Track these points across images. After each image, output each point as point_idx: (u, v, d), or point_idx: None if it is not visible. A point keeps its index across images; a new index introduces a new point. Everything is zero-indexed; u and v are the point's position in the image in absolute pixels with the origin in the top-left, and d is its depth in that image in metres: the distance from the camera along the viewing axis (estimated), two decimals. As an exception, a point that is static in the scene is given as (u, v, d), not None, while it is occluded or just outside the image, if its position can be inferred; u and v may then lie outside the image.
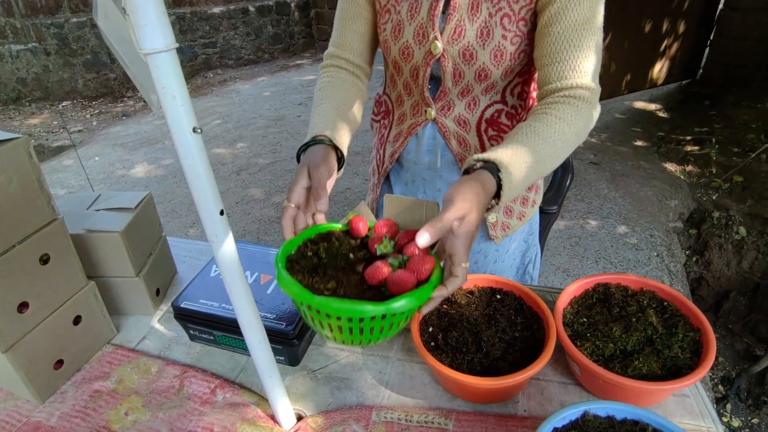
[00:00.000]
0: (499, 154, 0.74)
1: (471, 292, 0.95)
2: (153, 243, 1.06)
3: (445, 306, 0.92)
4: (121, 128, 4.97)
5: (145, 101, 5.89)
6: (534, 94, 1.02)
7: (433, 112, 1.00)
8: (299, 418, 0.83)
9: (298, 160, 0.84)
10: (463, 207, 0.66)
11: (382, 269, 0.65)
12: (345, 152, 0.88)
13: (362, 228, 0.76)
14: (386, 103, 1.11)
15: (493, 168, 0.73)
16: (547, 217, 1.65)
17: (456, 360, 0.82)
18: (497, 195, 0.74)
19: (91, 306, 0.92)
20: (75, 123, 5.26)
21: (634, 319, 0.85)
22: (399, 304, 0.61)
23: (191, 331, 0.95)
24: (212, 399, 0.85)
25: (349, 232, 0.77)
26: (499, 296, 0.94)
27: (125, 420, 0.83)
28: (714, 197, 3.45)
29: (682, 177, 3.63)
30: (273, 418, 0.82)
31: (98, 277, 0.96)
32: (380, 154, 1.16)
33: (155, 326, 1.02)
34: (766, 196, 3.31)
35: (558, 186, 1.70)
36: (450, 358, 0.82)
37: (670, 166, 3.74)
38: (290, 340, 0.87)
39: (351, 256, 0.72)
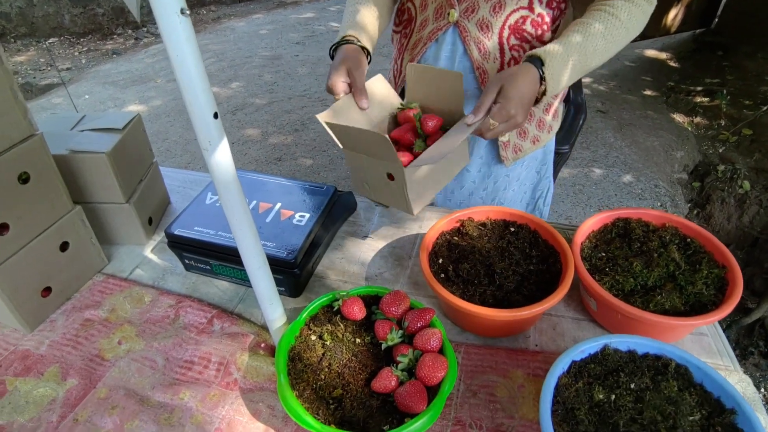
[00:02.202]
0: (544, 48, 0.82)
1: (483, 225, 0.90)
2: (143, 169, 0.99)
3: (455, 237, 0.87)
4: (111, 66, 4.77)
5: (136, 37, 5.63)
6: (562, 6, 0.95)
7: (456, 14, 0.95)
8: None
9: (332, 57, 0.95)
10: (495, 87, 0.79)
11: (390, 382, 0.62)
12: (371, 50, 0.97)
13: (357, 311, 0.71)
14: (409, 11, 1.05)
15: (536, 61, 0.82)
16: (558, 157, 1.58)
17: (467, 292, 0.78)
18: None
19: (78, 232, 0.87)
20: (63, 61, 5.04)
21: (655, 255, 0.81)
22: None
23: (186, 261, 0.90)
24: (209, 329, 0.81)
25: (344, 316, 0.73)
26: (512, 229, 0.89)
27: (118, 349, 0.79)
28: (720, 150, 3.38)
29: (689, 128, 3.54)
30: (273, 348, 0.78)
31: (85, 202, 0.90)
32: (397, 64, 1.12)
33: (148, 256, 0.97)
34: (775, 149, 3.23)
35: (570, 125, 1.62)
36: (461, 290, 0.78)
37: (678, 117, 3.64)
38: (292, 270, 0.82)
39: (357, 341, 0.69)
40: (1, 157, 0.71)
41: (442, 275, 0.81)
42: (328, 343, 0.68)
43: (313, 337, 0.69)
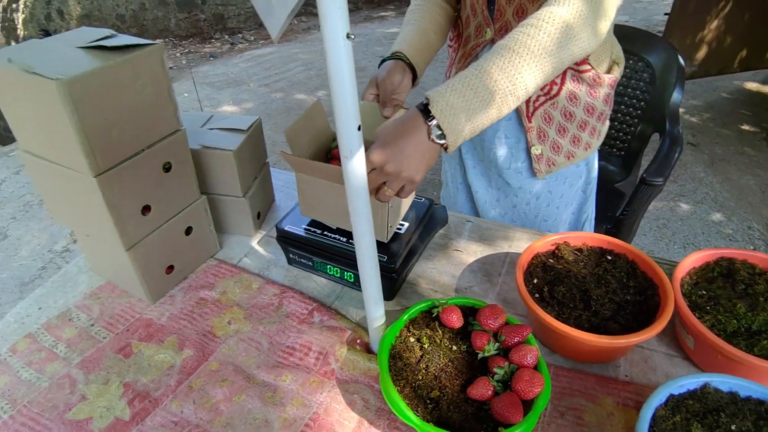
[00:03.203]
0: (435, 90, 0.72)
1: (579, 250, 0.91)
2: (259, 167, 1.08)
3: (551, 260, 0.89)
4: (208, 68, 5.13)
5: (232, 42, 6.00)
6: None
7: (490, 33, 1.01)
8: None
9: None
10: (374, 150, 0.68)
11: (486, 390, 0.65)
12: (418, 67, 0.98)
13: (455, 320, 0.75)
14: (459, 26, 1.12)
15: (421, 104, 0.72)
16: (650, 189, 1.54)
17: (562, 314, 0.79)
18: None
19: (201, 219, 0.96)
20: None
21: (761, 299, 0.78)
22: None
23: (290, 255, 0.98)
24: (309, 319, 0.87)
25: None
26: (609, 257, 0.89)
27: (228, 328, 0.87)
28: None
29: (792, 169, 3.29)
30: (367, 346, 0.83)
31: (209, 193, 1.00)
32: (446, 77, 1.19)
33: (255, 247, 1.06)
34: None
35: (665, 157, 1.58)
36: (556, 312, 0.79)
37: (780, 157, 3.39)
38: (390, 274, 0.87)
39: (453, 348, 0.73)
40: (153, 148, 0.82)
41: (537, 295, 0.83)
42: (426, 346, 0.72)
43: (412, 339, 0.73)
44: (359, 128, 0.57)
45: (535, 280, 0.85)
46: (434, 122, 0.70)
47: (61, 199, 0.86)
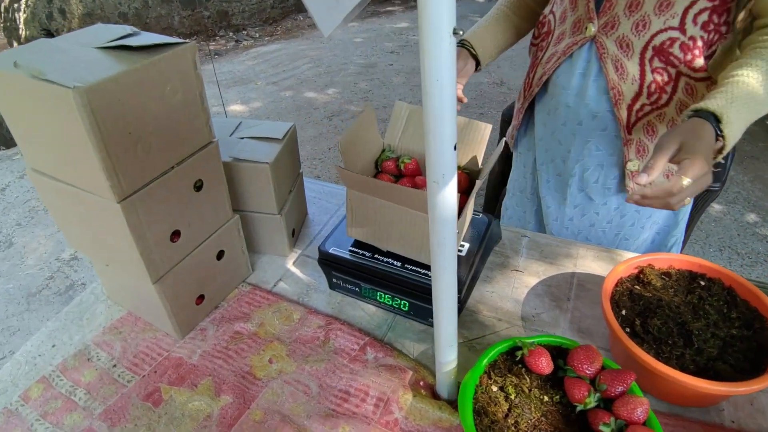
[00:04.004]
0: (714, 102, 0.72)
1: (667, 274, 0.80)
2: (293, 180, 0.97)
3: (637, 286, 0.78)
4: (214, 66, 5.01)
5: (237, 40, 5.87)
6: (723, 29, 0.84)
7: (593, 29, 0.89)
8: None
9: None
10: (672, 143, 0.69)
11: None
12: (481, 55, 1.02)
13: (545, 365, 0.63)
14: (549, 23, 1.01)
15: (709, 117, 0.71)
16: (707, 195, 1.43)
17: (662, 353, 0.68)
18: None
19: (233, 241, 0.85)
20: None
21: None
22: None
23: (334, 279, 0.87)
24: (362, 356, 0.76)
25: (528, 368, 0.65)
26: (702, 282, 0.78)
27: (270, 368, 0.76)
28: None
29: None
30: (432, 389, 0.72)
31: (241, 210, 0.89)
32: (530, 77, 1.06)
33: (291, 269, 0.95)
34: None
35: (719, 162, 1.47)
36: (654, 350, 0.68)
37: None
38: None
39: (545, 398, 0.61)
40: (183, 164, 0.71)
41: (627, 329, 0.72)
42: (512, 397, 0.61)
43: (495, 388, 0.62)
44: (455, 147, 0.46)
45: (624, 311, 0.74)
46: (721, 142, 0.72)
47: (78, 225, 0.75)
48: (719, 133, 0.71)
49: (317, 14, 0.48)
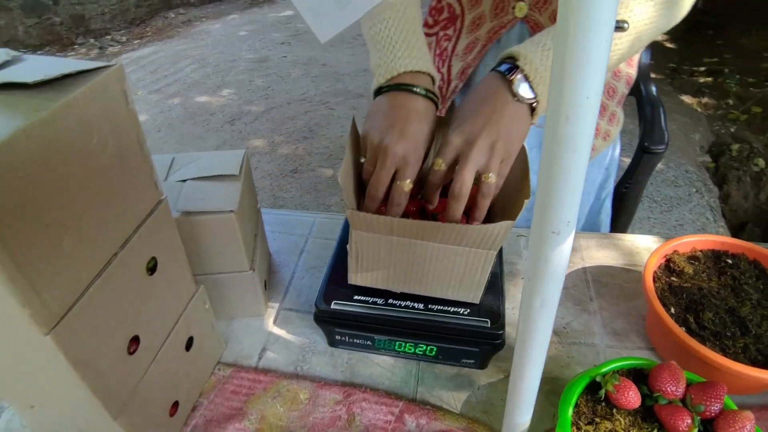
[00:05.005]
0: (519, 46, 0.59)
1: (694, 258, 0.75)
2: (255, 222, 0.79)
3: (673, 278, 0.71)
4: (80, 79, 4.39)
5: (101, 46, 5.22)
6: None
7: (525, 8, 0.79)
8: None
9: (374, 96, 0.65)
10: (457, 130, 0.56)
11: None
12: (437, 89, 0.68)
13: (634, 398, 0.54)
14: (450, 7, 0.88)
15: (510, 63, 0.58)
16: (653, 158, 1.45)
17: (727, 349, 0.62)
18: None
19: (201, 320, 0.66)
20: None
21: None
22: None
23: (337, 336, 0.71)
24: (402, 428, 0.62)
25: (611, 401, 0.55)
26: (729, 261, 0.74)
27: (289, 473, 0.59)
28: (732, 129, 3.35)
29: (699, 109, 3.50)
30: (496, 452, 0.60)
31: (202, 274, 0.69)
32: (442, 72, 0.93)
33: (273, 332, 0.77)
34: (790, 125, 3.23)
35: (656, 122, 1.50)
36: (718, 347, 0.62)
37: (687, 99, 3.59)
38: (494, 341, 0.64)
39: None
40: (131, 241, 0.50)
41: (683, 329, 0.65)
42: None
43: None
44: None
45: (672, 309, 0.67)
46: (519, 75, 0.57)
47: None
48: (517, 71, 0.57)
49: (313, 20, 0.40)
